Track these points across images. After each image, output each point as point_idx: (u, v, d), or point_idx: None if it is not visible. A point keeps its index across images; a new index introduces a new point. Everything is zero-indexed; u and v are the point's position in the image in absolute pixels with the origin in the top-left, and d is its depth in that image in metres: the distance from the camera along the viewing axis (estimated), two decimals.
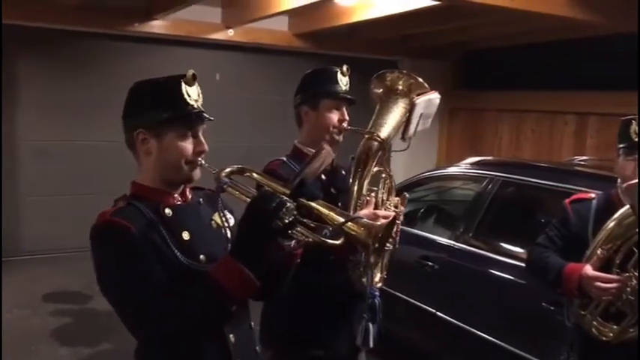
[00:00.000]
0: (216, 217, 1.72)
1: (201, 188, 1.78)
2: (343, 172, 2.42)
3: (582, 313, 2.25)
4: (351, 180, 2.19)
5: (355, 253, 2.02)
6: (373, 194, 2.18)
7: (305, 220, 1.49)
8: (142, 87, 1.62)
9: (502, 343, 3.29)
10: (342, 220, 1.51)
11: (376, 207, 2.16)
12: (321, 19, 6.55)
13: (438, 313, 3.71)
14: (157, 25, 6.45)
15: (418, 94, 2.27)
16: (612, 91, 6.30)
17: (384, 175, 2.26)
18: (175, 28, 6.55)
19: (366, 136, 2.22)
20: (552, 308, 2.93)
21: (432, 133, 8.29)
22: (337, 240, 1.50)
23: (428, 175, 4.42)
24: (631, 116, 2.29)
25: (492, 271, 3.49)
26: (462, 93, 8.31)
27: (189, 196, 1.70)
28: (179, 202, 1.66)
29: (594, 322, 2.23)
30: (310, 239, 1.48)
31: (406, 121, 2.24)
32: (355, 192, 2.14)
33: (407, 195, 2.32)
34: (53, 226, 6.60)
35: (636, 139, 2.21)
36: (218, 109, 1.60)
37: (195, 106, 1.60)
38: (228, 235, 1.70)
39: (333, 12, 6.30)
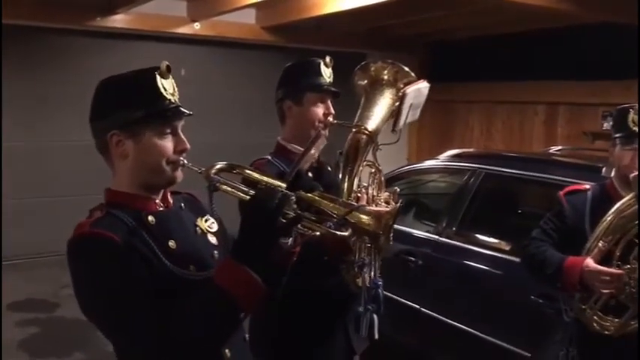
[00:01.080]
0: (199, 222, 1.60)
1: (179, 192, 1.65)
2: (329, 169, 2.32)
3: (583, 307, 2.19)
4: (340, 176, 2.08)
5: (349, 254, 1.92)
6: (364, 190, 2.08)
7: (306, 214, 1.40)
8: (111, 84, 1.46)
9: (489, 338, 3.22)
10: (345, 210, 1.42)
11: (367, 204, 2.06)
12: (290, 12, 6.44)
13: (423, 309, 3.63)
14: (120, 20, 6.25)
15: (406, 84, 2.17)
16: (582, 81, 6.34)
17: (373, 170, 2.16)
18: (139, 22, 6.35)
19: (354, 129, 2.11)
20: (541, 301, 2.90)
21: (402, 126, 8.25)
22: (345, 232, 1.42)
23: (407, 169, 4.35)
24: (627, 105, 2.26)
25: (478, 265, 3.43)
26: (431, 85, 8.27)
27: (171, 202, 1.57)
28: (161, 209, 1.52)
29: (595, 317, 2.18)
30: (317, 232, 1.38)
31: (397, 112, 2.14)
32: (346, 189, 2.02)
33: (398, 189, 2.22)
34: (14, 231, 6.28)
35: (635, 129, 2.17)
36: (184, 106, 1.48)
37: (173, 100, 1.46)
38: (213, 241, 1.58)
39: (302, 5, 6.19)
